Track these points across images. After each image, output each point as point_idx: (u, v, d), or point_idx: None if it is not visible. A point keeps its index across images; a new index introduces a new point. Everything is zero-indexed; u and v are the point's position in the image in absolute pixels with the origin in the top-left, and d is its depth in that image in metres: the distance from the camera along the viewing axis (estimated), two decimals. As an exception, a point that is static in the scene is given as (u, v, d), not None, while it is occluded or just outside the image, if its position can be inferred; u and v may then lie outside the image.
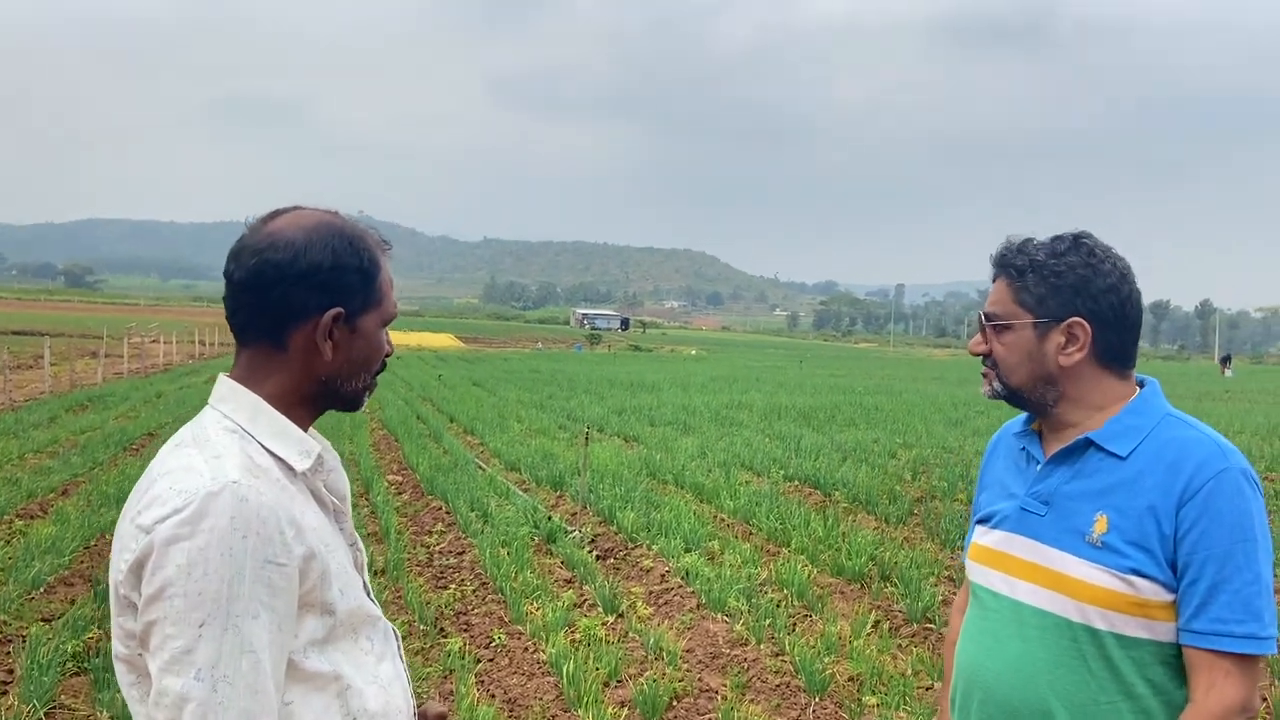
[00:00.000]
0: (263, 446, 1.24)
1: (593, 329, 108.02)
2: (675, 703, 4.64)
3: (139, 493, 1.21)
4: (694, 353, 71.66)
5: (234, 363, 1.32)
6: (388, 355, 1.38)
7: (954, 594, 6.43)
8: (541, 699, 4.66)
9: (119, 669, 1.22)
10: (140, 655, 1.17)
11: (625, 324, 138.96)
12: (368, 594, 1.36)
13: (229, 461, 1.19)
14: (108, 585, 1.24)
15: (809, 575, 6.62)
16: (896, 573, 6.74)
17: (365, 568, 1.39)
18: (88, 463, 10.30)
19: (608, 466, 10.76)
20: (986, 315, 1.67)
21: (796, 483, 10.49)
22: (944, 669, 2.00)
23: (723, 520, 8.56)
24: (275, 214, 1.30)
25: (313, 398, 1.32)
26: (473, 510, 8.56)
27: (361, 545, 1.39)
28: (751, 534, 8.06)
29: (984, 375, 1.71)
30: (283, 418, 1.28)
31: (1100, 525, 1.54)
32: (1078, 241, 1.61)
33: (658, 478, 10.63)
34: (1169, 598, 1.49)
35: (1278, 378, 52.75)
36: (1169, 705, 1.52)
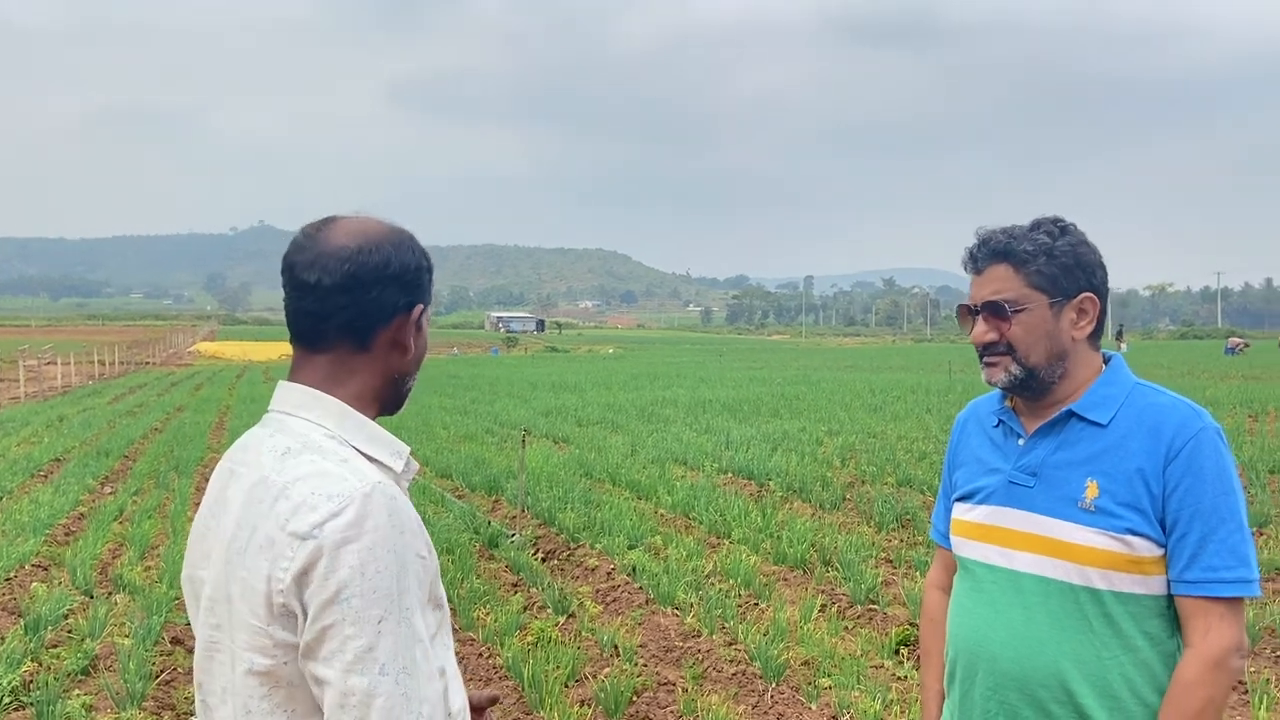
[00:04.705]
0: (356, 450, 1.25)
1: (508, 332, 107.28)
2: (636, 698, 4.67)
3: (265, 501, 1.19)
4: (611, 351, 71.81)
5: (297, 369, 1.31)
6: None
7: (895, 576, 6.61)
8: (502, 704, 4.65)
9: (248, 684, 1.20)
10: (286, 664, 1.17)
11: (541, 325, 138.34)
12: None
13: (358, 464, 1.21)
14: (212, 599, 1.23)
15: (753, 564, 6.73)
16: (837, 557, 6.89)
17: None
18: (-5, 492, 9.83)
19: (542, 468, 10.73)
20: (995, 304, 1.69)
21: (730, 475, 10.63)
22: (923, 646, 2.06)
23: (662, 515, 8.63)
24: (329, 221, 1.32)
25: (383, 398, 1.34)
26: (410, 519, 8.44)
27: None
28: (692, 527, 8.14)
29: (992, 364, 1.72)
30: (369, 420, 1.30)
31: (1092, 490, 1.62)
32: (1063, 224, 1.70)
33: (593, 477, 10.65)
34: (1159, 552, 1.60)
35: (1168, 351, 55.46)
36: (1164, 654, 1.62)
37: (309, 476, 1.18)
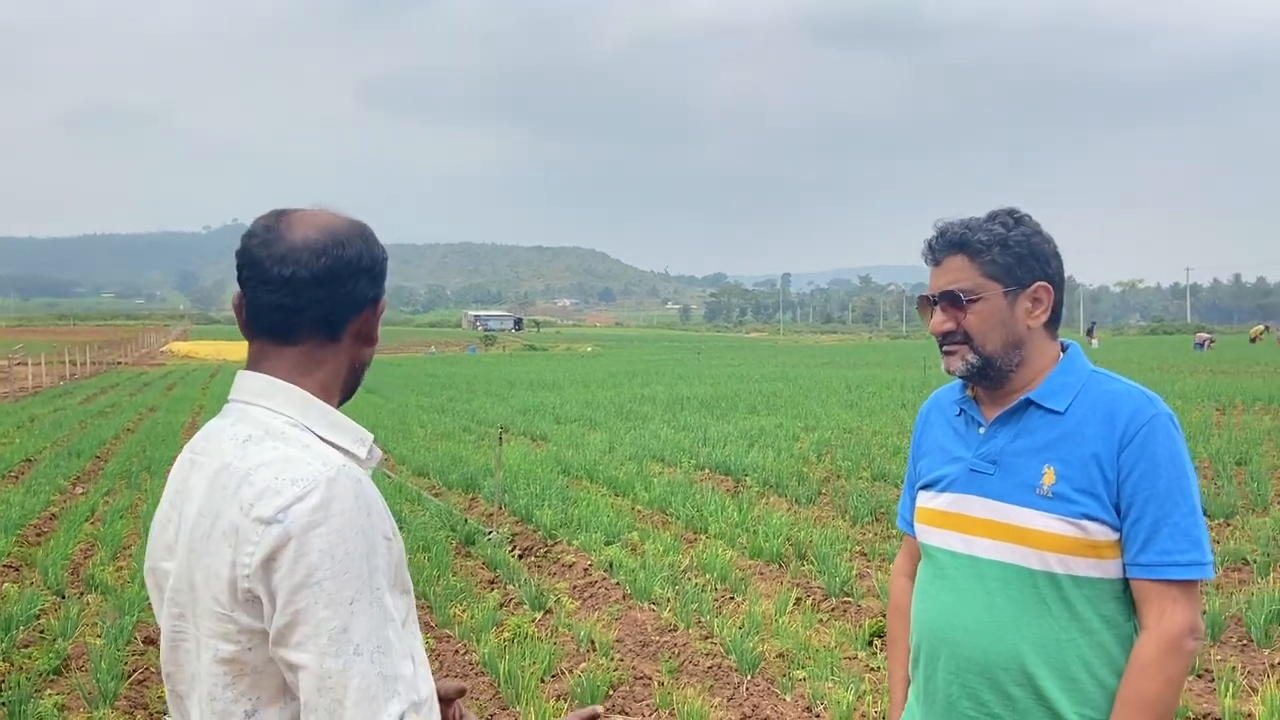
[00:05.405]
0: (319, 438, 1.25)
1: (486, 330, 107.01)
2: (612, 691, 4.70)
3: (228, 488, 1.19)
4: (590, 349, 71.78)
5: (260, 361, 1.30)
6: None
7: (869, 569, 6.67)
8: (478, 699, 4.66)
9: (213, 671, 1.19)
10: (251, 651, 1.16)
11: (519, 324, 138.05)
12: None
13: (321, 450, 1.22)
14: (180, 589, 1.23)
15: (729, 559, 6.77)
16: (812, 551, 6.94)
17: None
18: (-36, 493, 9.71)
19: (520, 466, 10.73)
20: (951, 294, 1.73)
21: (708, 470, 10.68)
22: (890, 633, 2.10)
23: (640, 512, 8.65)
24: (284, 214, 1.30)
25: (345, 386, 1.36)
26: (386, 517, 8.42)
27: None
28: (669, 523, 8.17)
29: (950, 353, 1.76)
30: (332, 409, 1.30)
31: (1049, 477, 1.66)
32: (1017, 215, 1.74)
33: (571, 474, 10.66)
34: (1114, 537, 1.63)
35: (1138, 347, 56.09)
36: (1120, 636, 1.66)
37: (272, 462, 1.18)
